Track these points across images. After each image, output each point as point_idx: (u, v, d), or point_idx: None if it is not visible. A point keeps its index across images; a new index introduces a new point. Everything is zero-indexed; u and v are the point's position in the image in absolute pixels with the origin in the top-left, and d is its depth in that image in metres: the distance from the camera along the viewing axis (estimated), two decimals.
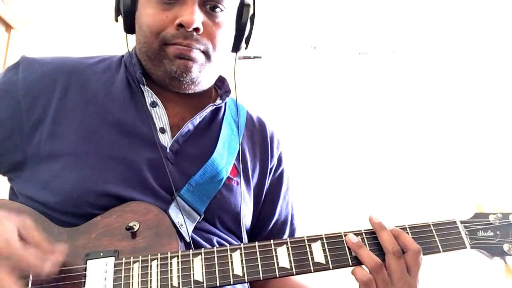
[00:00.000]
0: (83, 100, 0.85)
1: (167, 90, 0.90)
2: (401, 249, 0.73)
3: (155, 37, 0.83)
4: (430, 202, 2.21)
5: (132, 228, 0.73)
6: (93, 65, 0.93)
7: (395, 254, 0.72)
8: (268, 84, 2.56)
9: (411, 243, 0.74)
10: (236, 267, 0.72)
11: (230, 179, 0.91)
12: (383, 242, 0.74)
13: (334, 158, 2.44)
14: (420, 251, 0.74)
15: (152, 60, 0.86)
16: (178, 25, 0.81)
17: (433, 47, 2.53)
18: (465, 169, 2.31)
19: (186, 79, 0.85)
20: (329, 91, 2.57)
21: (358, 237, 0.76)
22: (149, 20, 0.83)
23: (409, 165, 2.38)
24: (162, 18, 0.82)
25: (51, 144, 0.80)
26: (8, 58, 2.22)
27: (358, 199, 2.30)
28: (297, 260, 0.73)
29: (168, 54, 0.83)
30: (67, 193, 0.77)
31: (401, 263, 0.72)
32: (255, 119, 1.06)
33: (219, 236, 0.87)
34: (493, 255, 0.78)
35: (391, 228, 0.76)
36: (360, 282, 0.73)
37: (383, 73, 2.57)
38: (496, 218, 0.81)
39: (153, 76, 0.89)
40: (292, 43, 2.64)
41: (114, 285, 0.69)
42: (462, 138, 2.39)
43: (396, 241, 0.74)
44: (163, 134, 0.87)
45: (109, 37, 2.34)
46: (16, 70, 0.86)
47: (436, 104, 2.48)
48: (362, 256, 0.73)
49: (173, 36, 0.82)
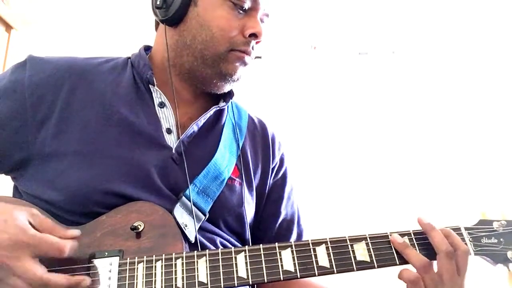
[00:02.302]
0: (90, 100, 0.86)
1: (184, 89, 0.93)
2: (453, 249, 0.74)
3: (225, 41, 0.86)
4: (435, 208, 2.21)
5: (137, 228, 0.74)
6: (100, 65, 0.93)
7: (448, 255, 0.73)
8: (268, 84, 2.56)
9: (461, 243, 0.75)
10: (240, 269, 0.72)
11: (233, 179, 0.92)
12: (435, 243, 0.74)
13: (334, 158, 2.44)
14: (469, 252, 0.75)
15: (206, 59, 0.87)
16: (251, 35, 0.87)
17: (433, 47, 2.54)
18: (470, 175, 2.32)
19: (233, 81, 0.90)
20: (329, 91, 2.58)
21: (405, 237, 0.77)
22: (223, 23, 0.86)
23: (408, 165, 2.38)
24: (235, 25, 0.87)
25: (57, 143, 0.81)
26: (8, 58, 2.21)
27: (358, 201, 2.30)
28: (302, 264, 0.73)
29: (229, 58, 0.87)
30: (72, 191, 0.78)
31: (453, 263, 0.73)
32: (256, 121, 1.08)
33: (222, 237, 0.88)
34: (497, 262, 0.79)
35: (440, 228, 0.77)
36: (408, 281, 0.74)
37: (383, 73, 2.58)
38: (500, 225, 0.81)
39: (197, 73, 0.90)
40: (292, 43, 2.64)
41: (118, 284, 0.70)
42: (464, 141, 2.39)
43: (447, 241, 0.74)
44: (169, 134, 0.88)
45: (109, 37, 2.35)
46: (23, 69, 0.86)
47: (436, 104, 2.49)
48: (410, 255, 0.74)
49: (243, 43, 0.87)
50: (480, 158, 2.35)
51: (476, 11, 2.47)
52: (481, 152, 2.36)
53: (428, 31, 2.54)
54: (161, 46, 0.94)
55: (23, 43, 2.28)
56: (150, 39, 1.04)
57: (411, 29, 2.55)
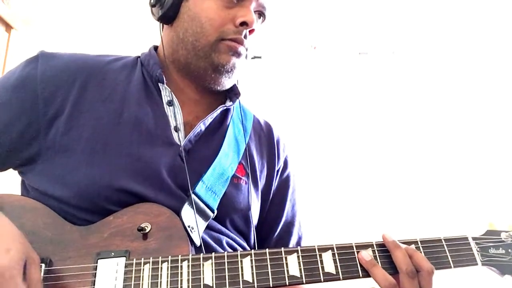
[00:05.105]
0: (101, 97, 0.86)
1: (187, 87, 0.93)
2: (415, 269, 0.73)
3: (214, 30, 0.86)
4: (443, 218, 2.21)
5: (144, 229, 0.74)
6: (110, 63, 0.94)
7: (409, 275, 0.73)
8: (268, 84, 2.56)
9: (424, 263, 0.74)
10: (246, 273, 0.72)
11: (239, 178, 0.92)
12: (398, 262, 0.74)
13: (334, 158, 2.45)
14: (433, 271, 0.74)
15: (198, 50, 0.88)
16: (241, 24, 0.86)
17: (433, 47, 2.54)
18: (478, 184, 2.31)
19: (227, 72, 0.89)
20: (329, 91, 2.58)
21: (369, 250, 0.76)
22: (212, 14, 0.86)
23: (411, 172, 2.38)
24: (225, 15, 0.87)
25: (68, 138, 0.81)
26: (8, 58, 2.21)
27: (359, 203, 2.31)
28: (307, 269, 0.73)
29: (220, 48, 0.87)
30: (82, 187, 0.77)
31: (415, 283, 0.73)
32: (262, 123, 1.09)
33: (229, 236, 0.88)
34: (504, 273, 0.79)
35: (404, 247, 0.76)
36: None
37: (383, 73, 2.58)
38: (508, 236, 0.81)
39: (191, 67, 0.90)
40: (292, 43, 2.64)
41: (124, 285, 0.70)
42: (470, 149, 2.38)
43: (410, 261, 0.74)
44: (177, 132, 0.88)
45: (109, 37, 2.34)
46: (35, 64, 0.86)
47: (437, 105, 2.49)
48: (376, 275, 0.73)
49: (233, 32, 0.87)
50: (488, 167, 2.34)
51: (476, 11, 2.48)
52: (489, 161, 2.35)
53: (428, 31, 2.54)
54: (161, 45, 0.96)
55: (23, 43, 2.28)
56: (150, 39, 1.05)
57: (411, 29, 2.55)
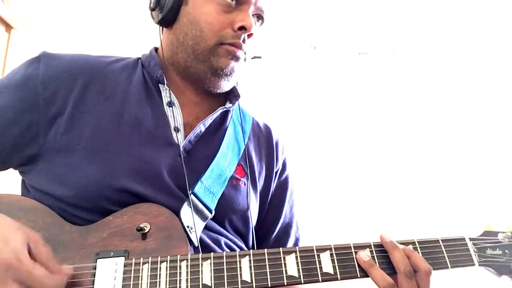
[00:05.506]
0: (102, 97, 0.87)
1: (187, 89, 0.94)
2: (413, 269, 0.74)
3: (213, 35, 0.87)
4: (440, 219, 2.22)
5: (143, 229, 0.74)
6: (111, 63, 0.94)
7: (407, 275, 0.73)
8: (268, 84, 2.57)
9: (422, 263, 0.74)
10: (244, 273, 0.72)
11: (238, 179, 0.92)
12: (396, 262, 0.75)
13: (334, 158, 2.45)
14: (431, 271, 0.74)
15: (197, 54, 0.88)
16: (239, 28, 0.87)
17: (433, 47, 2.54)
18: (475, 186, 2.31)
19: (226, 75, 0.90)
20: (329, 91, 2.58)
21: (367, 251, 0.77)
22: (210, 19, 0.87)
23: (410, 172, 2.38)
24: (224, 20, 0.87)
25: (68, 138, 0.81)
26: (8, 58, 2.21)
27: (357, 204, 2.31)
28: (306, 270, 0.74)
29: (219, 52, 0.88)
30: (82, 187, 0.78)
31: (413, 283, 0.73)
32: (261, 125, 1.09)
33: (227, 237, 0.88)
34: (501, 274, 0.79)
35: (402, 247, 0.77)
36: None
37: (383, 73, 2.58)
38: (505, 237, 0.81)
39: (191, 70, 0.91)
40: (292, 43, 2.65)
41: (123, 285, 0.70)
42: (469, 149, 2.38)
43: (408, 261, 0.74)
44: (177, 133, 0.89)
45: (109, 37, 2.34)
46: (37, 65, 0.86)
47: (437, 105, 2.49)
48: (374, 275, 0.74)
49: (232, 36, 0.88)
50: (486, 168, 2.34)
51: (476, 11, 2.48)
52: (486, 162, 2.35)
53: (428, 31, 2.54)
54: (161, 48, 0.97)
55: (23, 43, 2.29)
56: (151, 39, 1.05)
57: (411, 29, 2.55)
